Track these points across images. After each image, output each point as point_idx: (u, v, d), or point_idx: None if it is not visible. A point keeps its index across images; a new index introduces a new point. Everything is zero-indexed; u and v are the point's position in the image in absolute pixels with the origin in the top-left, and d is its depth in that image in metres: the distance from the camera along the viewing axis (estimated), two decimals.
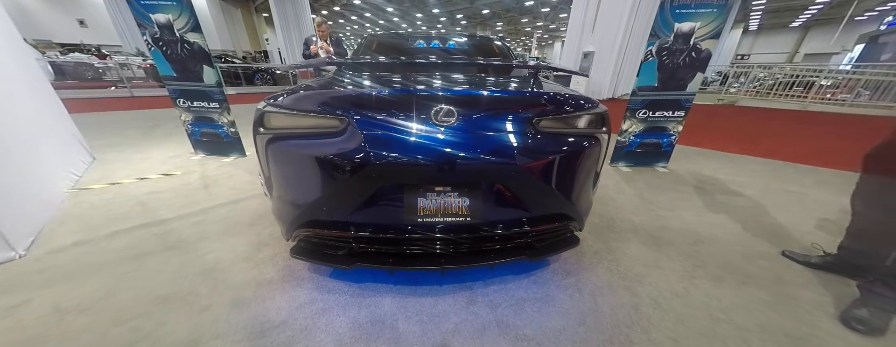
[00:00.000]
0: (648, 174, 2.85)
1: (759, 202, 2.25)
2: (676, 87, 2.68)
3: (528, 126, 1.08)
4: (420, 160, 0.99)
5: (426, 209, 1.05)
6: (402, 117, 1.03)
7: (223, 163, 3.03)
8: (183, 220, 1.88)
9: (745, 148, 3.73)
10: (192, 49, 2.71)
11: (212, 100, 2.94)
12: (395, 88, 1.03)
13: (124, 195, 2.23)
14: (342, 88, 1.07)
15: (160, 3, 2.53)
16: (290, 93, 1.14)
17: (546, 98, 1.13)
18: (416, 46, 1.78)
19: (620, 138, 2.95)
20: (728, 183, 2.63)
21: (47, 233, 1.72)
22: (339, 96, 1.05)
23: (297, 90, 1.15)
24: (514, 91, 1.09)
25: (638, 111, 2.80)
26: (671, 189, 2.49)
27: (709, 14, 2.41)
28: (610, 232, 1.80)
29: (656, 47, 2.55)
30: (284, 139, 1.10)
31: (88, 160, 2.87)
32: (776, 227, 1.89)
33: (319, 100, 1.07)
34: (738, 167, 3.07)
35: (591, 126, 1.20)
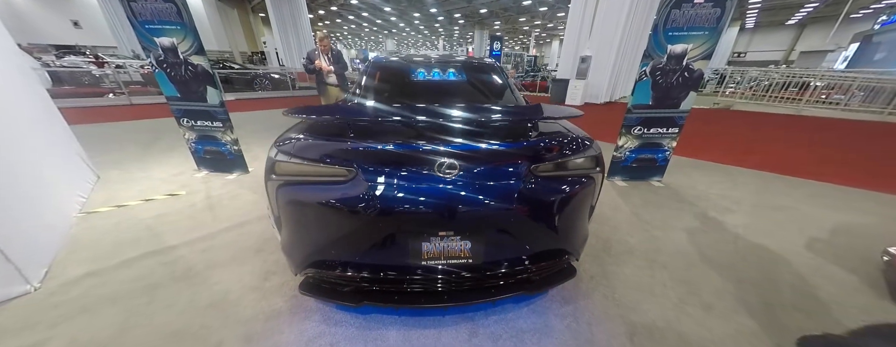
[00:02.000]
0: (644, 188, 2.91)
1: (752, 220, 2.31)
2: (670, 106, 2.74)
3: (526, 173, 1.14)
4: (424, 209, 1.05)
5: (430, 252, 1.11)
6: (407, 169, 1.09)
7: (227, 180, 3.07)
8: (190, 247, 1.93)
9: (739, 158, 3.81)
10: (196, 71, 2.74)
11: (215, 120, 2.98)
12: (401, 143, 1.09)
13: (131, 219, 2.27)
14: (349, 140, 1.12)
15: (165, 27, 2.56)
16: (299, 138, 1.20)
17: (543, 145, 1.19)
18: (416, 77, 1.83)
19: (616, 153, 3.01)
20: (721, 198, 2.69)
21: (59, 263, 1.77)
22: (347, 149, 1.10)
23: (306, 136, 1.20)
24: (512, 143, 1.15)
25: (633, 128, 2.86)
26: (666, 206, 2.55)
27: (701, 36, 2.46)
28: (606, 256, 1.86)
29: (650, 67, 2.61)
30: (294, 185, 1.15)
31: (93, 179, 2.91)
32: (767, 250, 1.95)
33: (328, 150, 1.13)
34: (731, 180, 3.14)
35: (586, 167, 1.26)
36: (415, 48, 47.51)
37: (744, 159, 3.80)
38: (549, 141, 1.21)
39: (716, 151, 4.13)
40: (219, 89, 2.87)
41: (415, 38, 38.77)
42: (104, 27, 16.08)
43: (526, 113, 1.31)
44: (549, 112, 1.33)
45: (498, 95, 1.84)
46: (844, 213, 2.43)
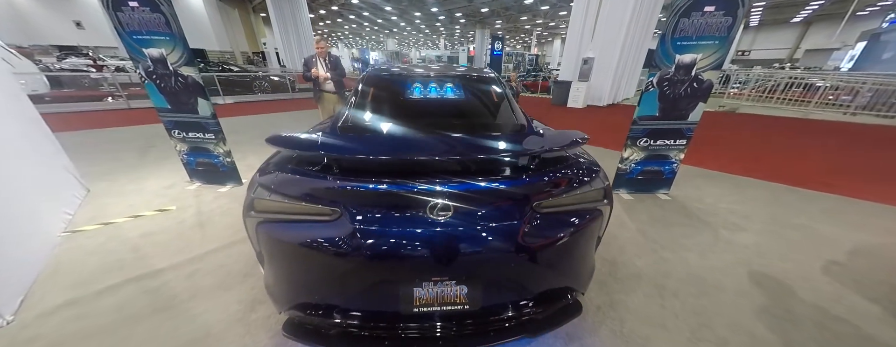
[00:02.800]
0: (650, 202, 2.81)
1: (764, 239, 2.20)
2: (678, 117, 2.63)
3: (528, 211, 1.04)
4: (415, 254, 0.96)
5: (422, 299, 1.02)
6: (397, 211, 0.99)
7: (219, 193, 2.99)
8: (176, 271, 1.85)
9: (748, 168, 3.69)
10: (187, 82, 2.66)
11: (207, 131, 2.89)
12: (390, 183, 0.99)
13: (118, 238, 2.19)
14: (334, 176, 1.02)
15: (153, 37, 2.48)
16: (280, 172, 1.10)
17: (547, 179, 1.08)
18: (412, 93, 1.74)
19: (621, 166, 2.91)
20: (731, 214, 2.59)
21: (38, 289, 1.69)
22: (331, 187, 1.01)
23: (287, 169, 1.11)
24: (513, 180, 1.04)
25: (639, 140, 2.76)
26: (674, 222, 2.45)
27: (711, 46, 2.35)
28: (613, 282, 1.76)
29: (657, 78, 2.50)
30: (274, 223, 1.06)
31: (82, 194, 2.84)
32: (782, 274, 1.85)
33: (310, 188, 1.03)
34: (741, 193, 3.03)
35: (594, 199, 1.16)
36: (416, 47, 47.30)
37: (752, 168, 3.68)
38: (554, 174, 1.10)
39: (723, 159, 4.01)
40: (209, 101, 2.78)
41: (416, 37, 38.60)
42: (106, 28, 16.03)
43: (527, 144, 1.20)
44: (551, 140, 1.21)
45: (498, 114, 1.72)
46: (862, 232, 2.32)
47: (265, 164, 1.23)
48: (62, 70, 10.45)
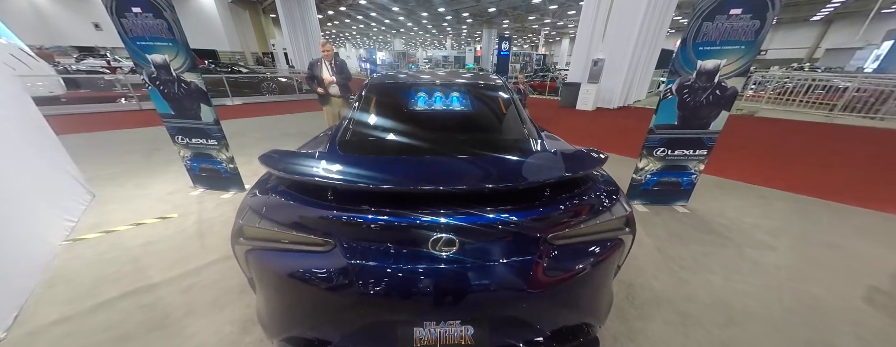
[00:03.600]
0: (667, 215, 2.66)
1: (794, 260, 2.04)
2: (699, 126, 2.48)
3: (541, 244, 0.94)
4: (416, 292, 0.86)
5: (423, 339, 0.92)
6: (396, 245, 0.90)
7: (222, 199, 2.95)
8: (172, 285, 1.80)
9: (771, 177, 3.49)
10: (190, 88, 2.63)
11: (210, 138, 2.86)
12: (388, 214, 0.89)
13: (118, 247, 2.16)
14: (328, 203, 0.93)
15: (156, 43, 2.45)
16: (271, 197, 1.02)
17: (563, 208, 0.97)
18: (417, 104, 1.65)
19: (636, 176, 2.76)
20: (757, 230, 2.42)
21: (34, 303, 1.65)
22: (325, 217, 0.92)
23: (279, 194, 1.03)
24: (525, 210, 0.93)
25: (655, 149, 2.61)
26: (694, 239, 2.30)
27: (736, 51, 2.20)
28: (630, 307, 1.64)
29: (676, 85, 2.36)
30: (264, 251, 0.98)
31: (87, 199, 2.83)
32: (818, 301, 1.69)
33: (302, 216, 0.95)
34: (765, 205, 2.85)
35: (614, 229, 1.05)
36: (423, 47, 47.28)
37: (776, 177, 3.48)
38: (570, 202, 0.99)
39: (743, 167, 3.81)
40: (212, 107, 2.74)
41: (422, 37, 38.58)
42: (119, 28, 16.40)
43: (541, 170, 1.08)
44: (567, 163, 1.09)
45: (507, 128, 1.61)
46: None
47: (256, 186, 1.16)
48: (79, 71, 10.70)
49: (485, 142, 1.48)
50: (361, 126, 1.57)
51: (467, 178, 1.04)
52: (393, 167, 1.11)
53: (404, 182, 0.98)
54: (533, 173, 1.06)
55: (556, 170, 1.03)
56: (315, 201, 0.94)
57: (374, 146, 1.45)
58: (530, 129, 1.56)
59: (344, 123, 1.62)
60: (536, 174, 1.03)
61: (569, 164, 1.06)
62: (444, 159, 1.23)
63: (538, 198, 0.97)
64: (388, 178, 1.00)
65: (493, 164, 1.16)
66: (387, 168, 1.09)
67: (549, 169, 1.08)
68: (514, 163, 1.18)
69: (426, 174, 1.09)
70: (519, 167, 1.13)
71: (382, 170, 1.05)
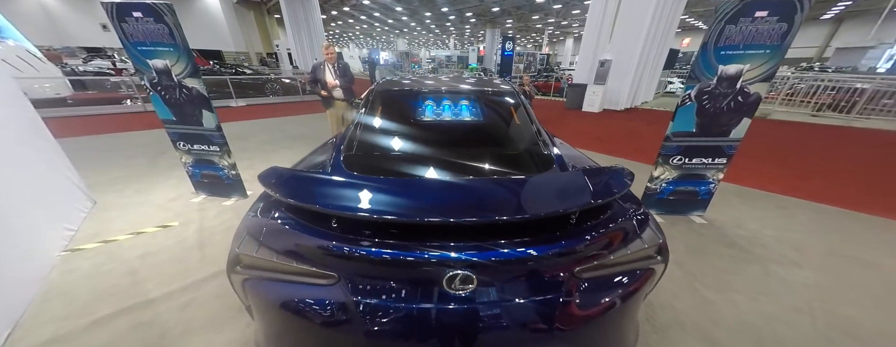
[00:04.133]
0: (684, 227, 2.54)
1: (824, 278, 1.92)
2: (718, 134, 2.36)
3: (569, 280, 0.85)
4: (429, 337, 0.78)
5: None
6: (407, 283, 0.81)
7: (223, 206, 2.89)
8: (170, 301, 1.73)
9: (792, 186, 3.35)
10: (191, 94, 2.57)
11: (212, 144, 2.80)
12: (398, 249, 0.80)
13: (116, 258, 2.10)
14: (331, 232, 0.85)
15: (157, 49, 2.39)
16: (269, 223, 0.94)
17: (589, 239, 0.88)
18: (425, 113, 1.56)
19: (650, 185, 2.65)
20: (780, 244, 2.30)
21: (28, 319, 1.60)
22: (328, 248, 0.83)
23: (278, 218, 0.94)
24: (549, 243, 0.84)
25: (672, 157, 2.50)
26: (714, 253, 2.19)
27: (760, 56, 2.08)
28: (651, 331, 1.54)
29: (696, 91, 2.24)
30: (262, 281, 0.90)
31: (88, 206, 2.79)
32: (855, 325, 1.57)
33: (302, 246, 0.86)
34: (787, 216, 2.72)
35: (646, 258, 0.96)
36: (426, 47, 47.21)
37: (796, 186, 3.34)
38: (598, 231, 0.90)
39: (761, 174, 3.67)
40: (214, 113, 2.68)
41: (426, 37, 38.50)
42: None
43: (566, 195, 0.97)
44: (593, 186, 0.98)
45: (521, 141, 1.52)
46: None
47: (254, 207, 1.08)
48: (85, 73, 10.77)
49: (500, 159, 1.38)
50: (368, 139, 1.49)
51: (487, 207, 0.93)
52: (403, 192, 1.01)
53: (416, 211, 0.88)
54: (559, 200, 0.96)
55: (583, 194, 0.93)
56: (318, 230, 0.86)
57: (381, 162, 1.36)
58: (546, 141, 1.47)
59: (350, 132, 1.54)
60: (563, 201, 0.93)
61: (596, 187, 0.96)
62: (460, 182, 1.13)
63: (564, 228, 0.88)
64: (399, 207, 0.90)
65: (513, 189, 1.05)
66: (397, 193, 0.99)
67: (575, 193, 0.98)
68: (537, 187, 1.07)
69: (441, 201, 0.97)
70: (543, 192, 1.03)
71: (392, 196, 0.96)
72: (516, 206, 0.95)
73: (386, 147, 1.45)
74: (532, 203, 0.96)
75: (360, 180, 1.05)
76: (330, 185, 1.01)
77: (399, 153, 1.41)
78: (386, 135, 1.49)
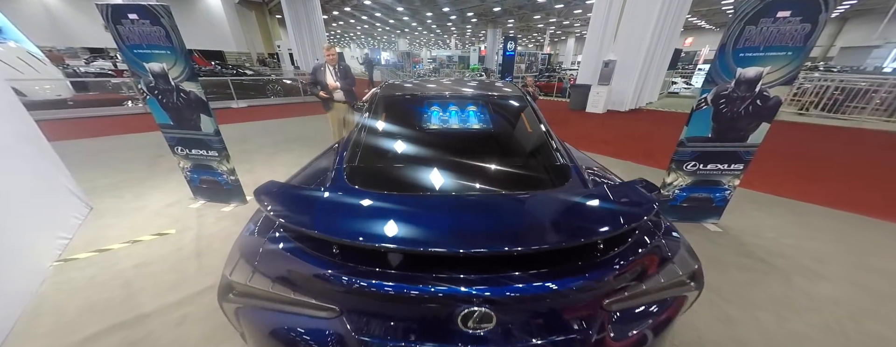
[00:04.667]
0: (698, 235, 2.45)
1: (853, 292, 1.82)
2: (735, 139, 2.27)
3: (598, 314, 0.76)
4: None
5: None
6: (416, 321, 0.73)
7: (222, 213, 2.82)
8: (164, 316, 1.65)
9: (805, 190, 3.25)
10: (189, 98, 2.49)
11: (210, 149, 2.73)
12: (406, 283, 0.72)
13: (110, 269, 2.03)
14: (332, 260, 0.76)
15: (154, 52, 2.32)
16: (264, 248, 0.86)
17: (618, 269, 0.79)
18: (431, 121, 1.48)
19: (662, 191, 2.56)
20: (801, 253, 2.20)
21: (15, 336, 1.52)
22: (329, 279, 0.75)
23: (273, 241, 0.86)
24: (574, 276, 0.75)
25: (686, 163, 2.41)
26: (732, 264, 2.09)
27: (781, 58, 1.99)
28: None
29: (712, 95, 2.15)
30: (257, 309, 0.82)
31: (84, 212, 2.72)
32: None
33: (302, 276, 0.78)
34: (804, 224, 2.62)
35: (679, 285, 0.87)
36: (427, 47, 47.14)
37: (811, 191, 3.24)
38: (627, 259, 0.81)
39: (773, 178, 3.56)
40: (213, 117, 2.60)
41: (427, 37, 38.41)
42: None
43: (594, 215, 0.87)
44: (624, 207, 0.88)
45: (533, 147, 1.44)
46: None
47: (249, 227, 0.99)
48: (87, 74, 10.74)
49: (513, 170, 1.29)
50: (371, 148, 1.41)
51: (506, 235, 0.82)
52: (411, 216, 0.90)
53: (427, 240, 0.78)
54: (586, 224, 0.86)
55: (612, 217, 0.83)
56: (318, 257, 0.78)
57: (386, 175, 1.27)
58: (559, 149, 1.38)
59: (352, 139, 1.46)
60: (592, 225, 0.84)
61: (624, 207, 0.87)
62: (473, 199, 1.02)
63: (592, 255, 0.79)
64: (407, 235, 0.80)
65: (533, 211, 0.95)
66: (404, 217, 0.89)
67: (603, 215, 0.88)
68: (559, 207, 0.97)
69: (454, 227, 0.86)
70: (567, 214, 0.93)
71: (399, 221, 0.85)
72: (539, 233, 0.85)
73: (390, 157, 1.37)
74: (557, 229, 0.86)
75: (364, 198, 0.97)
76: (330, 206, 0.92)
77: (404, 164, 1.32)
78: (390, 144, 1.41)
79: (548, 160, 1.33)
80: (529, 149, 1.46)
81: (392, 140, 1.44)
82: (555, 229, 0.84)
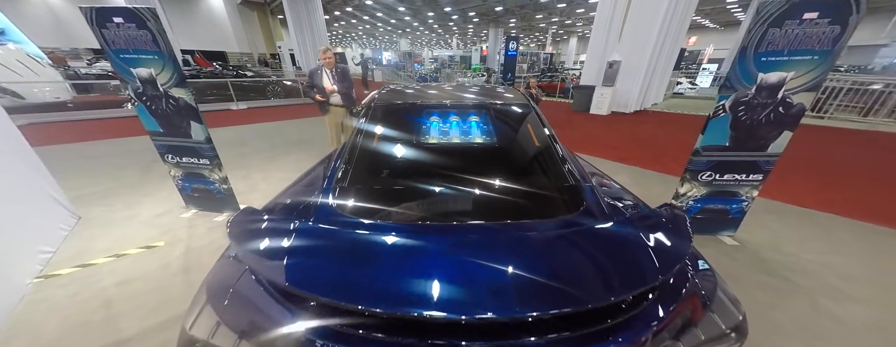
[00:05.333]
0: (714, 249, 2.31)
1: (887, 318, 1.67)
2: (755, 148, 2.13)
3: None
4: None
5: None
6: None
7: (214, 223, 2.72)
8: (144, 342, 1.55)
9: (825, 199, 3.10)
10: (178, 104, 2.39)
11: (201, 157, 2.62)
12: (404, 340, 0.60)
13: (92, 287, 1.92)
14: (312, 316, 0.64)
15: (141, 56, 2.22)
16: (236, 293, 0.74)
17: (653, 327, 0.66)
18: (430, 133, 1.37)
19: (675, 201, 2.42)
20: (827, 271, 2.06)
21: None
22: (304, 341, 0.63)
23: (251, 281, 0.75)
24: (604, 341, 0.62)
25: (701, 173, 2.27)
26: (752, 281, 1.96)
27: (807, 63, 1.85)
28: None
29: (731, 102, 2.02)
30: None
31: (72, 223, 2.62)
32: None
33: (271, 329, 0.66)
34: (826, 237, 2.48)
35: (721, 338, 0.74)
36: (429, 47, 47.03)
37: (830, 200, 3.09)
38: (659, 314, 0.68)
39: (790, 186, 3.41)
40: (204, 124, 2.50)
41: (428, 37, 38.29)
42: None
43: (624, 261, 0.73)
44: (657, 249, 0.74)
45: (541, 167, 1.31)
46: None
47: (220, 265, 0.88)
48: (87, 76, 10.71)
49: (523, 200, 1.14)
50: (365, 166, 1.29)
51: (517, 291, 0.68)
52: (405, 263, 0.77)
53: (423, 299, 0.64)
54: (616, 275, 0.72)
55: (644, 263, 0.68)
56: (294, 308, 0.66)
57: (378, 200, 1.13)
58: (572, 167, 1.26)
59: (346, 153, 1.34)
60: (621, 277, 0.70)
61: (657, 247, 0.73)
62: (477, 240, 0.87)
63: (621, 311, 0.66)
64: (400, 291, 0.67)
65: (551, 256, 0.81)
66: (397, 263, 0.75)
67: (634, 262, 0.73)
68: (582, 252, 0.83)
69: (455, 278, 0.71)
70: (591, 261, 0.79)
71: (390, 270, 0.72)
72: (559, 288, 0.70)
73: (384, 178, 1.25)
74: (581, 282, 0.72)
75: (349, 235, 0.84)
76: (308, 250, 0.79)
77: (399, 185, 1.20)
78: (385, 161, 1.30)
79: (558, 178, 1.21)
80: (537, 167, 1.33)
81: (387, 157, 1.32)
82: (577, 282, 0.70)
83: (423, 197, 1.09)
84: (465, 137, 1.37)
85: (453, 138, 1.36)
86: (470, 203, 1.06)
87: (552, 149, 1.34)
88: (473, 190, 1.11)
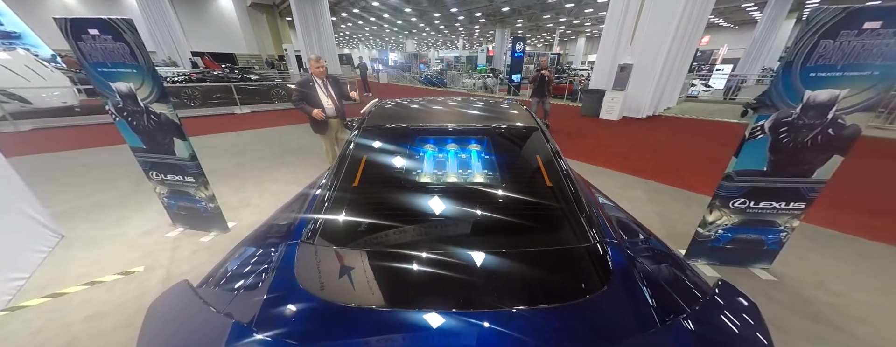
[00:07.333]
0: (747, 285, 2.05)
1: None
2: (798, 173, 1.87)
3: None
4: None
5: None
6: None
7: (200, 244, 2.56)
8: None
9: (870, 225, 2.74)
10: (160, 120, 2.24)
11: (186, 174, 2.47)
12: None
13: (58, 322, 1.77)
14: None
15: (119, 70, 2.07)
16: None
17: None
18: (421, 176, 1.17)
19: (702, 230, 2.17)
20: (879, 314, 1.79)
21: None
22: None
23: None
24: None
25: (733, 200, 2.01)
26: (799, 332, 1.69)
27: (865, 78, 1.58)
28: None
29: (771, 122, 1.76)
30: None
31: (53, 242, 2.50)
32: None
33: None
34: (879, 271, 2.18)
35: None
36: (435, 48, 46.90)
37: (877, 226, 2.76)
38: None
39: (829, 207, 3.02)
40: (188, 141, 2.34)
41: (435, 37, 38.15)
42: (144, 32, 16.86)
43: None
44: None
45: (565, 222, 1.07)
46: None
47: None
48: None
49: (533, 262, 0.92)
50: (345, 211, 1.09)
51: None
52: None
53: None
54: None
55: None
56: None
57: (353, 267, 0.92)
58: (591, 214, 1.03)
59: (324, 193, 1.15)
60: None
61: None
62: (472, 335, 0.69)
63: None
64: None
65: None
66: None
67: None
68: None
69: None
70: None
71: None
72: None
73: (364, 231, 1.04)
74: None
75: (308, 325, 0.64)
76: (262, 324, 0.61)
77: (380, 244, 1.00)
78: (368, 209, 1.09)
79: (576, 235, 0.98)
80: (551, 219, 1.10)
81: (371, 205, 1.12)
82: None
83: (409, 273, 0.88)
84: (464, 176, 1.16)
85: (449, 176, 1.16)
86: (471, 283, 0.84)
87: (566, 188, 1.11)
88: (473, 259, 0.90)
